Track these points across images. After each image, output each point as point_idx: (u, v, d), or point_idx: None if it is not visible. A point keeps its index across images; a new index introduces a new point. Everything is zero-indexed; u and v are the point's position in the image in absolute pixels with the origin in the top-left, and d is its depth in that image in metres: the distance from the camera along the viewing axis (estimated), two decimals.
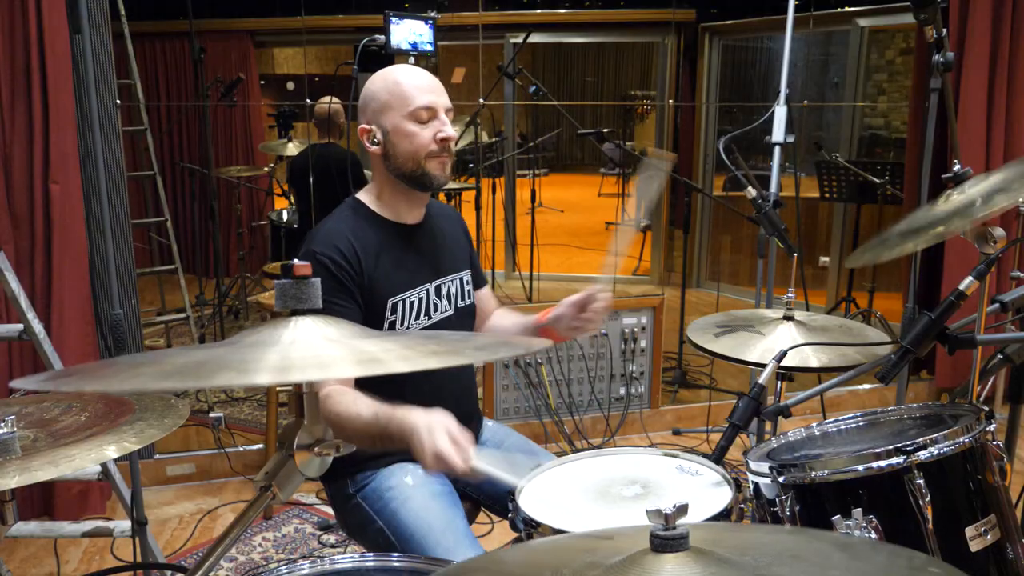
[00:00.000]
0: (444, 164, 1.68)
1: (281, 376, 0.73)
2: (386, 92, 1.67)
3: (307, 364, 0.77)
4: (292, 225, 4.50)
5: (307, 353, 0.78)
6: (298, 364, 0.76)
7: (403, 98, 1.65)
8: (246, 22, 4.98)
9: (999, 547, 1.30)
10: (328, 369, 0.78)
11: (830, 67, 5.90)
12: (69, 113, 2.77)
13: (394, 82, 1.67)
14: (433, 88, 1.68)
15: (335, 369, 0.79)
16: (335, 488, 1.75)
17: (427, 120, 1.65)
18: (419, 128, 1.65)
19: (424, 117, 1.65)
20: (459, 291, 1.83)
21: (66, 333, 2.79)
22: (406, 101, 1.65)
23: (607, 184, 10.05)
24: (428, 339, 0.91)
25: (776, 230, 2.16)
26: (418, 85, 1.66)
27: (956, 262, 3.58)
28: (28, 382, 0.78)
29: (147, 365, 0.77)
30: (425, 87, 1.66)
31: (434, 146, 1.65)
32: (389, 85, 1.67)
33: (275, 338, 0.82)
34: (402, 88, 1.66)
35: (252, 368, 0.73)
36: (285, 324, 0.84)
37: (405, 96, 1.65)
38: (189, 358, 0.77)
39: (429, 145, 1.65)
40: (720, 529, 0.86)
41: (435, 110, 1.66)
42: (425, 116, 1.65)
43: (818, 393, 1.74)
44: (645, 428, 3.69)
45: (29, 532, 2.38)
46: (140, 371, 0.76)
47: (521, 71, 4.75)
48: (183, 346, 0.87)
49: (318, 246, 1.64)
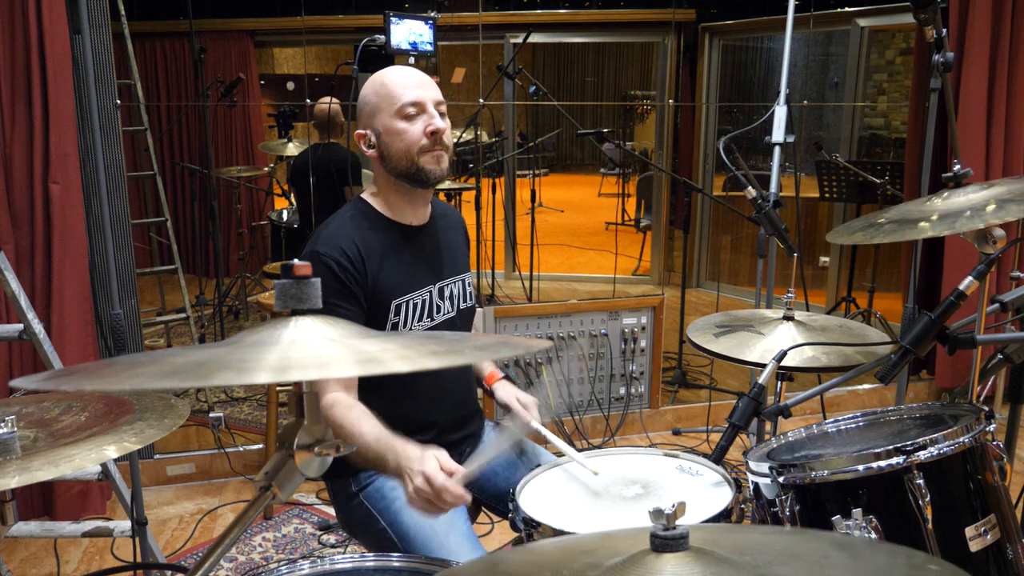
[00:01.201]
0: (438, 157, 1.68)
1: (281, 375, 0.73)
2: (374, 95, 1.68)
3: (307, 364, 0.76)
4: (292, 225, 4.51)
5: (307, 353, 0.78)
6: (298, 364, 0.76)
7: (390, 98, 1.66)
8: (246, 22, 4.98)
9: (999, 547, 1.30)
10: (328, 368, 0.78)
11: (830, 67, 5.91)
12: (69, 113, 2.77)
13: (381, 84, 1.68)
14: (420, 83, 1.68)
15: (335, 369, 0.78)
16: (337, 487, 1.76)
17: (415, 115, 1.66)
18: (408, 125, 1.65)
19: (412, 112, 1.65)
20: (461, 293, 1.83)
21: (66, 333, 2.79)
22: (392, 100, 1.65)
23: (607, 184, 10.05)
24: (428, 339, 0.91)
25: (776, 230, 2.16)
26: (403, 83, 1.67)
27: (956, 262, 3.58)
28: (28, 381, 0.78)
29: (146, 365, 0.77)
30: (411, 83, 1.67)
31: (425, 140, 1.65)
32: (376, 87, 1.69)
33: (275, 338, 0.81)
34: (388, 88, 1.67)
35: (252, 367, 0.73)
36: (285, 324, 0.84)
37: (391, 95, 1.66)
38: (188, 358, 0.77)
39: (420, 140, 1.65)
40: (719, 529, 0.86)
41: (422, 104, 1.66)
42: (413, 112, 1.65)
43: (818, 393, 1.74)
44: (645, 428, 3.69)
45: (29, 532, 2.38)
46: (139, 371, 0.76)
47: (521, 71, 4.75)
48: (183, 346, 0.86)
49: (323, 247, 1.64)
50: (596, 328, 3.52)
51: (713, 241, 6.05)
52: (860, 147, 5.83)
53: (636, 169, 7.80)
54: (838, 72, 5.70)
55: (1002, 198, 1.43)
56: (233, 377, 0.71)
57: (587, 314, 3.50)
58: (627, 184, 7.84)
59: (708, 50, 5.90)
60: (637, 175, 7.58)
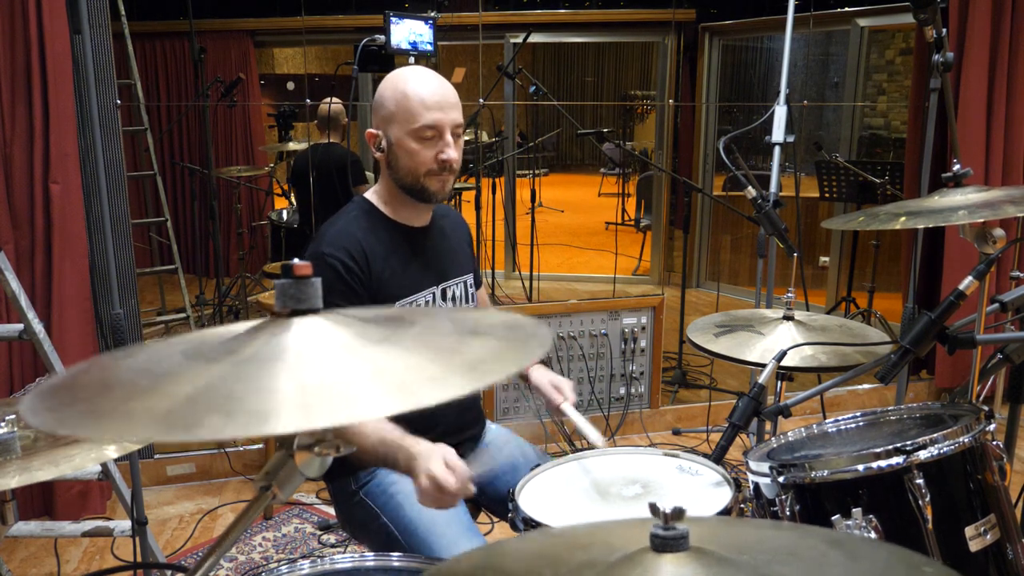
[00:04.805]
0: (444, 182, 1.66)
1: (304, 421, 0.63)
2: (393, 102, 1.63)
3: (332, 400, 0.67)
4: (292, 225, 4.51)
5: (325, 380, 0.70)
6: (321, 400, 0.67)
7: (408, 113, 1.61)
8: (246, 22, 4.98)
9: (999, 547, 1.30)
10: (357, 407, 0.67)
11: (830, 67, 5.91)
12: (69, 113, 2.77)
13: (403, 94, 1.62)
14: (441, 104, 1.62)
15: (364, 407, 0.67)
16: (337, 486, 1.76)
17: (430, 139, 1.62)
18: (420, 147, 1.62)
19: (428, 136, 1.61)
20: (463, 294, 1.83)
21: (66, 333, 2.79)
22: (410, 117, 1.61)
23: (607, 184, 10.06)
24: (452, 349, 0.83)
25: (776, 230, 2.16)
26: (424, 101, 1.61)
27: (956, 262, 3.57)
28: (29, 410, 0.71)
29: (140, 398, 0.69)
30: (432, 103, 1.61)
31: (434, 166, 1.63)
32: (398, 96, 1.63)
33: (278, 348, 0.75)
34: (409, 102, 1.61)
35: (267, 409, 0.64)
36: (287, 327, 0.79)
37: (410, 111, 1.61)
38: (186, 387, 0.69)
39: (430, 164, 1.63)
40: (717, 528, 0.86)
41: (440, 129, 1.62)
42: (429, 135, 1.61)
43: (818, 393, 1.74)
44: (645, 428, 3.69)
45: (29, 532, 2.38)
46: (133, 405, 0.68)
47: (521, 71, 4.75)
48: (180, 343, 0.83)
49: (327, 247, 1.62)
50: (596, 328, 3.52)
51: (713, 241, 6.05)
52: (860, 147, 5.84)
53: (636, 169, 7.81)
54: (838, 72, 5.71)
55: (995, 202, 1.44)
56: (234, 427, 0.62)
57: (587, 314, 3.50)
58: (627, 184, 7.85)
59: (708, 50, 5.90)
60: (637, 175, 7.59)
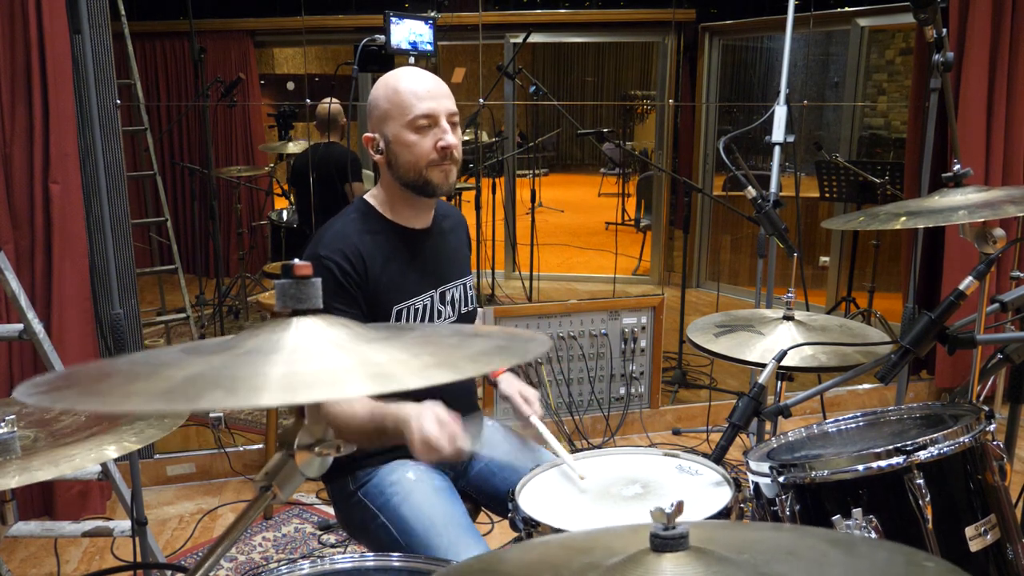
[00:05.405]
0: (447, 172, 1.65)
1: (288, 397, 0.70)
2: (386, 100, 1.64)
3: (316, 381, 0.73)
4: (292, 225, 4.51)
5: (313, 366, 0.75)
6: (305, 381, 0.73)
7: (401, 107, 1.62)
8: (246, 22, 4.99)
9: (999, 547, 1.30)
10: (338, 386, 0.73)
11: (830, 67, 5.91)
12: (69, 113, 2.77)
13: (394, 90, 1.64)
14: (433, 94, 1.63)
15: (345, 386, 0.73)
16: (336, 486, 1.75)
17: (427, 128, 1.62)
18: (418, 138, 1.62)
19: (424, 125, 1.62)
20: (462, 297, 1.83)
21: (66, 333, 2.79)
22: (404, 110, 1.62)
23: (607, 184, 10.05)
24: (438, 345, 0.87)
25: (776, 230, 2.16)
26: (416, 92, 1.62)
27: (956, 262, 3.57)
28: (25, 392, 0.75)
29: (142, 380, 0.74)
30: (424, 93, 1.62)
31: (435, 155, 1.63)
32: (389, 93, 1.64)
33: (276, 344, 0.79)
34: (401, 96, 1.62)
35: (254, 385, 0.70)
36: (285, 326, 0.82)
37: (403, 105, 1.62)
38: (185, 371, 0.74)
39: (430, 154, 1.62)
40: (718, 528, 0.86)
41: (435, 117, 1.62)
42: (425, 124, 1.62)
43: (818, 393, 1.74)
44: (645, 428, 3.69)
45: (29, 532, 2.38)
46: (135, 388, 0.72)
47: (521, 71, 4.75)
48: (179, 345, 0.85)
49: (324, 249, 1.62)
50: (596, 328, 3.52)
51: (713, 241, 6.05)
52: (860, 147, 5.84)
53: (636, 169, 7.80)
54: (838, 72, 5.71)
55: (995, 202, 1.44)
56: (230, 399, 0.68)
57: (587, 314, 3.50)
58: (627, 184, 7.84)
59: (708, 50, 5.90)
60: (637, 175, 7.58)
